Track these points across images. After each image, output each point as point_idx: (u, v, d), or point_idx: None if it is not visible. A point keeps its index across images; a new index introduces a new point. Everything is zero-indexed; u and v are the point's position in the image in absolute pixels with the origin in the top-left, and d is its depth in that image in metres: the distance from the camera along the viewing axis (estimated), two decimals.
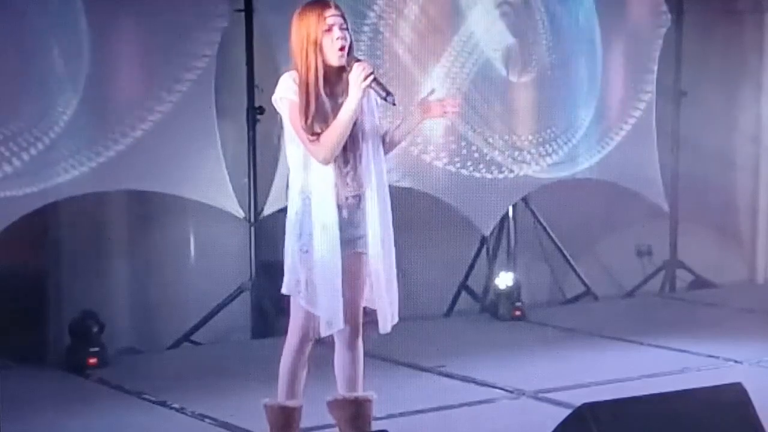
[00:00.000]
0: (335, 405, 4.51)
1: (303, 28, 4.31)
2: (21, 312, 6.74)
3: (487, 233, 8.17)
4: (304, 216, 4.32)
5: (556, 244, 8.54)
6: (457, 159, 7.86)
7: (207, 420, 5.44)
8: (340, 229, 4.31)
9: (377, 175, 4.42)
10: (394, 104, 4.35)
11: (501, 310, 7.91)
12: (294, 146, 4.36)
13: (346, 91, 4.29)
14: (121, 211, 7.33)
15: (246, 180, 7.30)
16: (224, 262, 7.39)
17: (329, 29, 4.27)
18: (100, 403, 5.77)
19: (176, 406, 5.66)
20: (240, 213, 7.22)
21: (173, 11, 6.88)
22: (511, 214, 8.33)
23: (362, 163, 4.38)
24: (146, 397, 5.84)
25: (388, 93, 4.30)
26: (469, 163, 7.93)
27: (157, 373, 6.48)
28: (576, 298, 8.68)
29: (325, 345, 4.57)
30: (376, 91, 4.31)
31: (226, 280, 7.26)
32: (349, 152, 4.35)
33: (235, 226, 7.31)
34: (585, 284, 8.65)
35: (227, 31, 7.11)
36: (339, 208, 4.32)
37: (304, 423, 4.81)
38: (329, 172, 4.30)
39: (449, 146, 7.85)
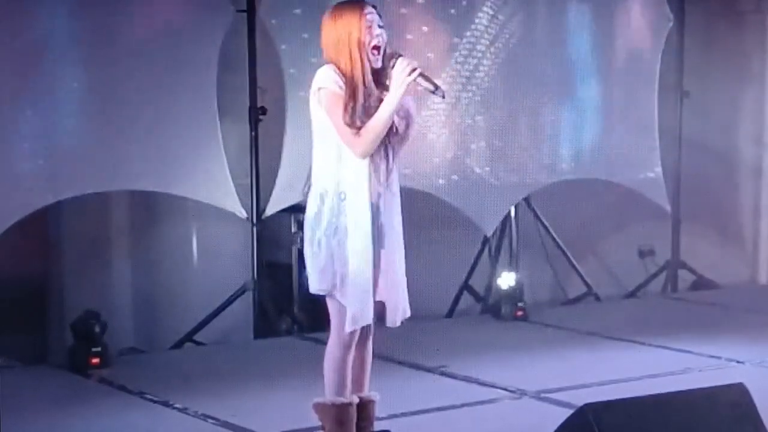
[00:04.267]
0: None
1: (343, 26, 4.29)
2: (23, 312, 6.76)
3: (489, 233, 8.17)
4: (340, 211, 4.29)
5: (558, 244, 8.54)
6: (458, 160, 7.87)
7: (209, 420, 5.44)
8: (372, 224, 4.31)
9: (396, 172, 4.45)
10: (443, 97, 4.35)
11: (503, 310, 7.91)
12: (327, 141, 4.33)
13: (380, 87, 4.30)
14: (124, 211, 7.34)
15: (248, 180, 7.30)
16: (226, 262, 7.39)
17: (369, 26, 4.28)
18: (102, 403, 5.77)
19: (178, 406, 5.66)
20: (242, 213, 7.22)
21: (175, 11, 6.88)
22: (513, 214, 8.33)
23: (393, 159, 4.39)
24: (148, 397, 5.84)
25: (437, 87, 4.29)
26: (471, 163, 7.93)
27: (160, 373, 6.48)
28: (578, 299, 8.68)
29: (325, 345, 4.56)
30: (423, 86, 4.29)
31: (228, 280, 7.26)
32: (385, 148, 4.35)
33: (237, 226, 7.31)
34: (587, 284, 8.64)
35: (229, 31, 7.12)
36: (372, 204, 4.31)
37: (306, 423, 4.82)
38: (364, 167, 4.29)
39: (451, 147, 7.85)
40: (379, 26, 4.31)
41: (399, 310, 4.47)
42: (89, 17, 6.58)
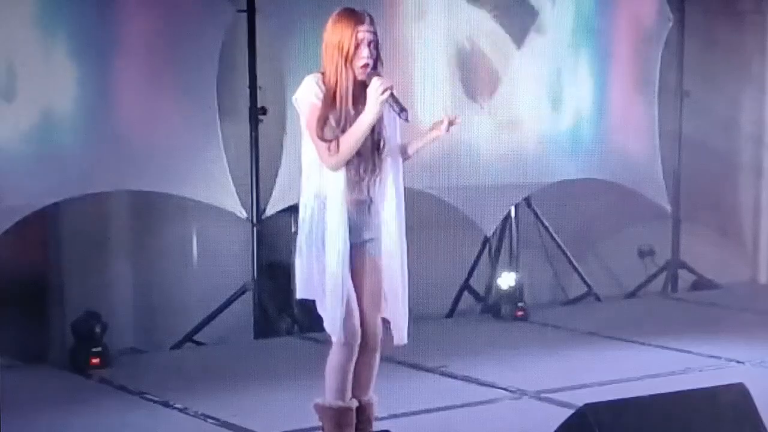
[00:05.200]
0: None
1: (336, 37, 4.33)
2: (24, 312, 6.75)
3: (489, 233, 8.17)
4: (320, 219, 4.33)
5: (558, 244, 8.54)
6: (458, 160, 7.87)
7: (209, 420, 5.44)
8: (350, 233, 4.31)
9: (396, 188, 4.47)
10: (407, 120, 4.37)
11: (503, 310, 7.91)
12: (310, 148, 4.37)
13: (365, 102, 4.32)
14: (124, 211, 7.34)
15: (248, 180, 7.30)
16: (227, 263, 7.39)
17: (358, 45, 4.31)
18: (102, 403, 5.78)
19: (179, 406, 5.67)
20: (242, 213, 7.22)
21: (176, 12, 6.88)
22: (513, 214, 8.33)
23: (380, 174, 4.41)
24: (149, 397, 5.84)
25: (403, 109, 4.34)
26: (471, 163, 7.94)
27: (160, 373, 6.48)
28: (578, 299, 8.68)
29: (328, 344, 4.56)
30: (391, 106, 4.34)
31: (228, 281, 7.26)
32: (366, 161, 4.37)
33: (237, 226, 7.31)
34: (587, 284, 8.65)
35: (229, 31, 7.12)
36: (348, 212, 4.33)
37: (306, 423, 4.82)
38: (340, 177, 4.32)
39: (452, 147, 7.85)
40: (371, 43, 4.33)
41: (405, 327, 4.51)
42: (89, 17, 6.57)
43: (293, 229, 7.46)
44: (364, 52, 4.31)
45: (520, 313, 7.88)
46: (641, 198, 8.82)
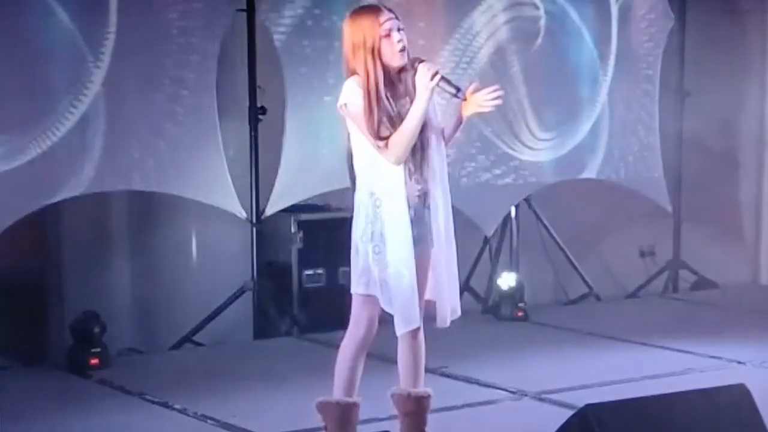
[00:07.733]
0: (396, 399, 4.55)
1: (359, 34, 4.33)
2: (22, 312, 6.75)
3: (489, 234, 8.16)
4: (375, 217, 4.35)
5: (558, 244, 8.53)
6: (459, 159, 7.86)
7: (209, 421, 5.43)
8: (411, 227, 4.34)
9: (441, 171, 4.47)
10: (465, 99, 4.40)
11: (503, 310, 7.90)
12: (360, 148, 4.38)
13: (408, 92, 4.35)
14: (123, 211, 7.33)
15: (248, 180, 7.29)
16: (226, 263, 7.38)
17: (388, 34, 4.32)
18: (101, 403, 5.77)
19: (178, 406, 5.65)
20: (242, 213, 7.21)
21: (175, 11, 6.87)
22: (513, 214, 8.32)
23: (429, 162, 4.42)
24: (148, 397, 5.83)
25: (458, 89, 4.36)
26: (471, 163, 7.93)
27: (159, 373, 6.48)
28: (579, 299, 8.67)
29: (328, 345, 4.56)
30: (444, 89, 4.35)
31: (228, 281, 7.25)
32: (417, 152, 4.38)
33: (237, 226, 7.30)
34: (588, 285, 8.64)
35: (229, 30, 7.11)
36: (409, 207, 4.35)
37: (306, 424, 4.81)
38: (398, 172, 4.34)
39: (451, 147, 7.84)
40: (400, 29, 4.35)
41: (448, 310, 4.52)
42: (89, 16, 6.56)
43: (293, 229, 7.48)
44: (396, 37, 4.32)
45: (520, 313, 7.87)
46: (641, 198, 8.82)
